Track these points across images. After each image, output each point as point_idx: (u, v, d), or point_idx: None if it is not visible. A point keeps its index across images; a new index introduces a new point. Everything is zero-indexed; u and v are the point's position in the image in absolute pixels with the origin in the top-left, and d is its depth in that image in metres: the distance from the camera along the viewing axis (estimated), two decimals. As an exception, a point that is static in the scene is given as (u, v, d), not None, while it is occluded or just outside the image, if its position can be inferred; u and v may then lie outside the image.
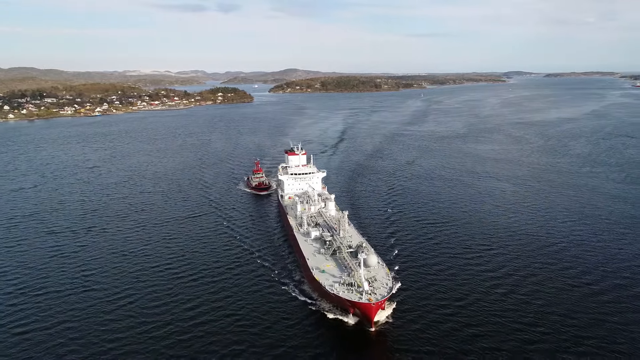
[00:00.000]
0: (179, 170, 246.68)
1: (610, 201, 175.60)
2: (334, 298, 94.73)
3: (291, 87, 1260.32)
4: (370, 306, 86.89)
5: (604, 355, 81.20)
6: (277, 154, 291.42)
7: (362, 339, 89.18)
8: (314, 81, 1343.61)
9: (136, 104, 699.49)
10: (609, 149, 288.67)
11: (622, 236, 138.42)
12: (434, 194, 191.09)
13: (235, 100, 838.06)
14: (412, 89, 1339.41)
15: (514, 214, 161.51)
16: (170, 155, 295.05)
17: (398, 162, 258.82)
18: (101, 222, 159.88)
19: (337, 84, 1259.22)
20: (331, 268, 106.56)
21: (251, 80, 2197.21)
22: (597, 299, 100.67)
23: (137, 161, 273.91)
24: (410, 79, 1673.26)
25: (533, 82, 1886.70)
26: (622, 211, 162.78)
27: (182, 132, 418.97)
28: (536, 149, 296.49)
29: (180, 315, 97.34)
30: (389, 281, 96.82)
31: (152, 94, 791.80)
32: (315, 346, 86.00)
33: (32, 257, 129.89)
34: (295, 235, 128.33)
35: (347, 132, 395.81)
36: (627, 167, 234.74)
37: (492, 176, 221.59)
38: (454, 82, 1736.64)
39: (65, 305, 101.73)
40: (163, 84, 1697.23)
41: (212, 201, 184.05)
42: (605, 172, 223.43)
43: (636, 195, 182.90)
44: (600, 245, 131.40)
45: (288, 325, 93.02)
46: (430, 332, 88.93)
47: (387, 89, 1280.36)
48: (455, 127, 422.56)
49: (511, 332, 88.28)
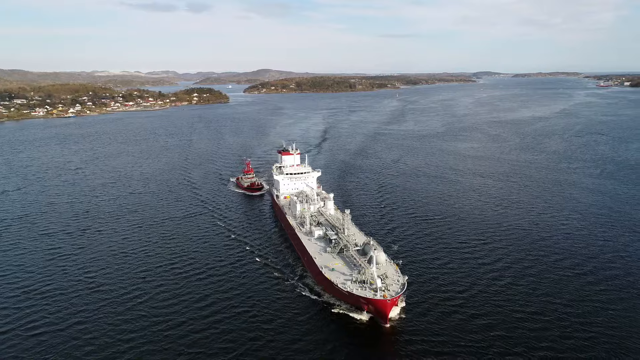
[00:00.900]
0: (166, 171, 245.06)
1: (590, 195, 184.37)
2: (347, 296, 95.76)
3: (266, 88, 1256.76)
4: (385, 302, 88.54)
5: (604, 340, 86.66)
6: (262, 154, 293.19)
7: (378, 335, 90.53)
8: (288, 81, 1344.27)
9: (110, 105, 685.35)
10: (582, 146, 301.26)
11: (606, 228, 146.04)
12: (422, 190, 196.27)
13: (211, 100, 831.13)
14: (386, 89, 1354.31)
15: (502, 209, 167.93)
16: (155, 156, 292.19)
17: (384, 161, 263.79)
18: (95, 224, 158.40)
19: (312, 85, 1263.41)
20: (340, 266, 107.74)
21: (224, 80, 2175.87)
22: (591, 288, 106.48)
23: (121, 162, 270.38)
24: (384, 79, 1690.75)
25: (502, 82, 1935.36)
26: (601, 204, 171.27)
27: (162, 133, 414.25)
28: (514, 146, 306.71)
29: (193, 313, 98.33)
30: (399, 277, 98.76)
31: (125, 94, 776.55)
32: (331, 343, 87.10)
33: (30, 259, 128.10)
34: (298, 235, 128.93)
35: (329, 132, 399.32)
36: (601, 162, 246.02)
37: (475, 173, 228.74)
38: (427, 82, 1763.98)
39: (75, 306, 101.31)
40: (134, 84, 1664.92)
41: (204, 201, 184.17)
42: (582, 168, 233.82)
43: (612, 189, 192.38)
44: (586, 237, 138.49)
45: (301, 322, 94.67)
46: (441, 324, 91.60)
47: (361, 89, 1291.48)
48: (434, 126, 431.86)
49: (516, 320, 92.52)
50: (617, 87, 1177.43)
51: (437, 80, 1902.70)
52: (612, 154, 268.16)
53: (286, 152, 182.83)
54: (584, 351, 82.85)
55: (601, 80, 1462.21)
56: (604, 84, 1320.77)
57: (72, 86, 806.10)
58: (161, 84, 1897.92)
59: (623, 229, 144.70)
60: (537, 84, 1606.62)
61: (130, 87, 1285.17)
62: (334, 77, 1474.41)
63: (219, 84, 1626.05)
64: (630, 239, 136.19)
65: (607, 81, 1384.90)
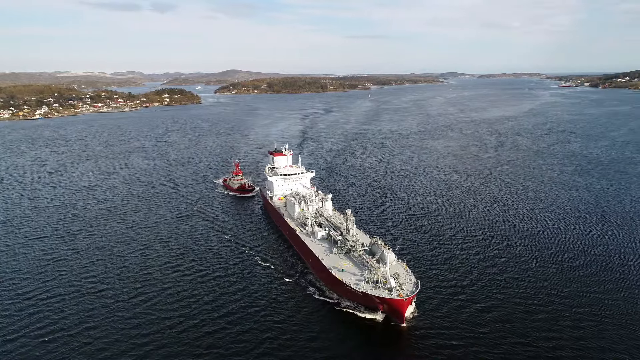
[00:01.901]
0: (149, 172, 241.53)
1: (568, 190, 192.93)
2: (361, 296, 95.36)
3: (237, 88, 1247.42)
4: (402, 302, 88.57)
5: (590, 320, 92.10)
6: (244, 154, 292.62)
7: (395, 334, 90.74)
8: (259, 82, 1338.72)
9: (78, 107, 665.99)
10: (554, 144, 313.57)
11: (585, 220, 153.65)
12: (408, 189, 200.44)
13: (183, 101, 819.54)
14: (357, 89, 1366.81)
15: (488, 205, 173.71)
16: (134, 158, 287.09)
17: (367, 160, 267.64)
18: (85, 227, 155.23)
19: (284, 85, 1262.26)
20: (349, 267, 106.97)
21: (193, 81, 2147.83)
22: (577, 273, 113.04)
23: (100, 165, 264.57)
24: (354, 79, 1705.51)
25: (469, 82, 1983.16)
26: (579, 198, 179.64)
27: (137, 134, 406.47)
28: (490, 144, 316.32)
29: (202, 310, 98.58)
30: (410, 276, 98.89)
31: (93, 96, 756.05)
32: (348, 342, 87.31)
33: (23, 264, 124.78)
34: (300, 236, 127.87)
35: (307, 132, 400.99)
36: (574, 159, 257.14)
37: (457, 171, 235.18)
38: (396, 83, 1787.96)
39: (82, 311, 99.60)
40: (99, 85, 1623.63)
41: (194, 203, 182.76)
42: (557, 165, 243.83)
43: (587, 184, 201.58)
44: (568, 228, 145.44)
45: (314, 321, 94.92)
46: (453, 319, 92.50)
47: (332, 89, 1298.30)
48: (410, 125, 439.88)
49: (524, 312, 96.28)
50: (578, 87, 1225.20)
51: (406, 81, 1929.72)
52: (583, 152, 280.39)
53: (278, 152, 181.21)
54: (592, 338, 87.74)
55: (562, 81, 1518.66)
56: (565, 84, 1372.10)
57: (36, 87, 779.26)
58: (127, 84, 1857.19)
59: (605, 222, 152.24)
60: (503, 84, 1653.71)
61: (96, 88, 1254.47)
62: (305, 78, 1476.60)
63: (188, 85, 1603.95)
64: (617, 231, 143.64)
65: (568, 81, 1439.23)
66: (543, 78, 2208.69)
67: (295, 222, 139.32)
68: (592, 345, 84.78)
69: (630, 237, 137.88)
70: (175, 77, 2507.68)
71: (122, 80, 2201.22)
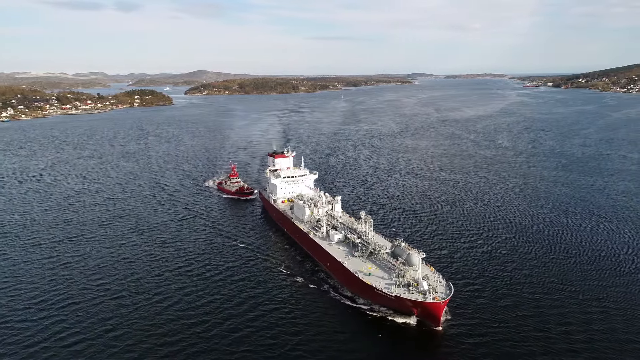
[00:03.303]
0: (137, 175, 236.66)
1: (554, 186, 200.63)
2: (394, 300, 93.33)
3: (208, 89, 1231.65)
4: (439, 305, 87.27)
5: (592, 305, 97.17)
6: (229, 155, 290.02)
7: (431, 337, 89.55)
8: (230, 83, 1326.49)
9: (45, 109, 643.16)
10: (532, 142, 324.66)
11: (576, 214, 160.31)
12: (401, 187, 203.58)
13: (154, 103, 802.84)
14: (328, 90, 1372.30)
15: (481, 202, 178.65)
16: (117, 160, 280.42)
17: (356, 160, 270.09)
18: (82, 231, 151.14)
19: (256, 86, 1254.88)
20: (375, 270, 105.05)
21: (159, 82, 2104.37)
22: (579, 268, 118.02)
23: (83, 168, 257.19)
24: (324, 80, 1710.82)
25: (437, 83, 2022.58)
26: (567, 194, 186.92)
27: (114, 136, 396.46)
28: (470, 143, 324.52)
29: (226, 312, 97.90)
30: (439, 278, 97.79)
31: (60, 97, 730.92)
32: (382, 349, 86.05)
33: (27, 270, 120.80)
34: (314, 240, 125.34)
35: (289, 133, 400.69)
36: (554, 156, 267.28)
37: (444, 169, 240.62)
38: (366, 84, 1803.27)
39: (100, 314, 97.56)
40: (62, 86, 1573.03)
41: (190, 206, 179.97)
42: (539, 162, 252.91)
43: (571, 180, 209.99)
44: (562, 223, 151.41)
45: (342, 325, 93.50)
46: (484, 318, 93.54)
47: (304, 90, 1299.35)
48: (389, 125, 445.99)
49: (546, 305, 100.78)
50: (542, 87, 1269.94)
51: (375, 82, 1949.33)
52: (561, 149, 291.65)
53: (280, 154, 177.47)
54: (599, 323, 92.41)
55: (526, 81, 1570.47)
56: (529, 84, 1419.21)
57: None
58: (91, 86, 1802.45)
59: (595, 216, 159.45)
60: (470, 84, 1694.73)
61: (60, 89, 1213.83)
62: (276, 79, 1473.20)
63: (155, 86, 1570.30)
64: (606, 224, 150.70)
65: (531, 82, 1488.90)
66: (507, 78, 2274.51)
67: (306, 226, 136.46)
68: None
69: (620, 228, 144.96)
70: (141, 78, 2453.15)
71: (86, 82, 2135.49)
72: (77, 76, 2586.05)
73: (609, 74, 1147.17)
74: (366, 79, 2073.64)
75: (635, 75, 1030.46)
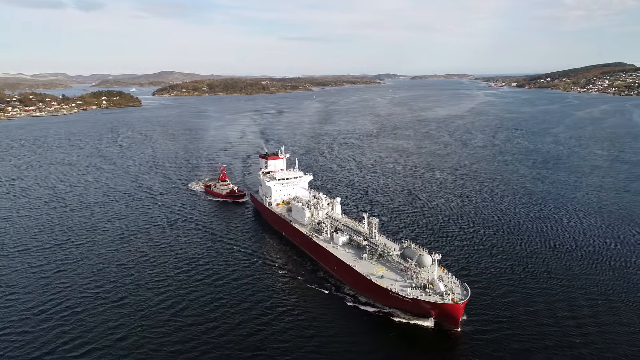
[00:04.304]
0: (117, 178, 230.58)
1: (533, 182, 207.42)
2: (411, 303, 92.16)
3: (177, 90, 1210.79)
4: (459, 306, 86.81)
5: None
6: (209, 157, 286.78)
7: (451, 339, 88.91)
8: (200, 83, 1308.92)
9: (8, 110, 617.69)
10: (506, 140, 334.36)
11: (560, 209, 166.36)
12: (386, 186, 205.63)
13: (122, 104, 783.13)
14: (299, 90, 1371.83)
15: (467, 199, 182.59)
16: (94, 163, 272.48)
17: (339, 160, 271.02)
18: (71, 237, 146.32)
19: (226, 87, 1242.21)
20: (386, 273, 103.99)
21: (124, 83, 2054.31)
22: (580, 262, 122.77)
23: (59, 171, 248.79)
24: (293, 81, 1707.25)
25: (405, 83, 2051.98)
26: (548, 190, 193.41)
27: (85, 139, 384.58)
28: (448, 142, 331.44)
29: (234, 314, 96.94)
30: (453, 278, 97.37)
31: (21, 98, 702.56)
32: (402, 352, 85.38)
33: (19, 278, 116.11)
34: (318, 243, 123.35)
35: (266, 133, 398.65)
36: (529, 155, 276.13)
37: (427, 168, 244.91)
38: (335, 84, 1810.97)
39: (104, 320, 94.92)
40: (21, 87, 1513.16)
41: (178, 209, 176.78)
42: (516, 160, 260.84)
43: (550, 176, 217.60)
44: (551, 219, 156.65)
45: (356, 328, 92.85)
46: (500, 316, 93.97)
47: (275, 91, 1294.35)
48: (365, 125, 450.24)
49: (540, 290, 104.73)
50: (507, 88, 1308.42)
51: (345, 82, 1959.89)
52: (534, 147, 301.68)
53: (273, 156, 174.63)
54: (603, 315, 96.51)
55: (491, 82, 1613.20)
56: (494, 84, 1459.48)
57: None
58: (52, 87, 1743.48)
59: (577, 210, 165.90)
60: (437, 85, 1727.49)
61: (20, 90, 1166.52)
62: (246, 79, 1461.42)
63: (120, 87, 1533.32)
64: (592, 219, 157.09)
65: (496, 82, 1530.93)
66: (472, 79, 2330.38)
67: (307, 228, 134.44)
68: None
69: (606, 222, 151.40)
70: (105, 79, 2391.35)
71: (46, 82, 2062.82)
72: (36, 77, 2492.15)
73: (569, 75, 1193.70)
74: (335, 79, 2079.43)
75: (594, 75, 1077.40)
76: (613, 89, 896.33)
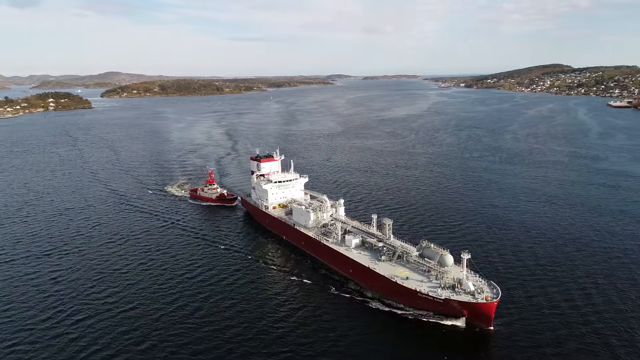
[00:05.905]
0: (86, 184, 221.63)
1: (504, 177, 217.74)
2: (442, 303, 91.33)
3: (127, 92, 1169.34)
4: (492, 305, 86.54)
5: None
6: (177, 159, 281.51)
7: (484, 339, 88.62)
8: (151, 85, 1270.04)
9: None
10: (469, 138, 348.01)
11: (535, 202, 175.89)
12: (365, 185, 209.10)
13: (72, 106, 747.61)
14: (253, 91, 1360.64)
15: (448, 195, 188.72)
16: (57, 168, 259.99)
17: (313, 161, 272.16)
18: (56, 244, 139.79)
19: (178, 88, 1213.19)
20: (410, 274, 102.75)
21: (67, 84, 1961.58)
22: (577, 251, 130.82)
23: (21, 177, 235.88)
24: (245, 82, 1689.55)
25: (357, 84, 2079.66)
26: (520, 185, 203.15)
27: (40, 143, 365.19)
28: (415, 141, 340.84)
29: (259, 316, 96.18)
30: (477, 276, 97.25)
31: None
32: (439, 354, 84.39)
33: (10, 289, 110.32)
34: (329, 246, 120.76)
35: (232, 135, 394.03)
36: (494, 151, 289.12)
37: (399, 166, 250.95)
38: (289, 85, 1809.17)
39: (123, 328, 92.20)
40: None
41: (163, 214, 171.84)
42: (483, 157, 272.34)
43: (519, 172, 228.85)
44: (531, 210, 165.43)
45: (386, 332, 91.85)
46: (530, 312, 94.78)
47: (229, 91, 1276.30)
48: (330, 125, 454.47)
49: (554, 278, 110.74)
50: (456, 88, 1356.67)
51: (298, 83, 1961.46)
52: (497, 144, 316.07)
53: (268, 158, 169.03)
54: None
55: (440, 82, 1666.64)
56: (444, 85, 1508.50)
57: None
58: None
59: (549, 203, 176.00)
60: (389, 85, 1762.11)
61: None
62: (198, 80, 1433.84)
63: (62, 88, 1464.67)
64: (579, 213, 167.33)
65: (445, 82, 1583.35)
66: (421, 79, 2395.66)
67: (313, 231, 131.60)
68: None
69: (576, 214, 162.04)
70: (45, 80, 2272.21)
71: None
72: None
73: (513, 75, 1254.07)
74: (288, 80, 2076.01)
75: (536, 76, 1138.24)
76: (555, 88, 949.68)
